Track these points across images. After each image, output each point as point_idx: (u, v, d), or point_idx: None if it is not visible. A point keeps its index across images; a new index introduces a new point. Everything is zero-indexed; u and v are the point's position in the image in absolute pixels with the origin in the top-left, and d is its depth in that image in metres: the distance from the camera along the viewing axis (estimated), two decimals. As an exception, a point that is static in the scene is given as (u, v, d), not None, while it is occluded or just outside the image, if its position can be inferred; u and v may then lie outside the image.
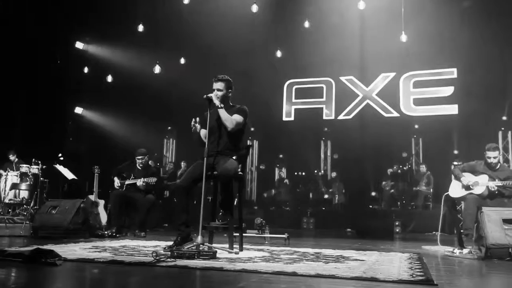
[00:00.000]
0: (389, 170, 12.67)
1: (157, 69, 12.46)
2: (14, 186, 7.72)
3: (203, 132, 4.32)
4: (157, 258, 3.08)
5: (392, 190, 12.41)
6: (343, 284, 2.46)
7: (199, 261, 3.19)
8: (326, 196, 12.70)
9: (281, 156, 14.60)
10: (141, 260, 3.04)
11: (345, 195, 12.75)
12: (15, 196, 8.35)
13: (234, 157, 4.18)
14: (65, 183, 8.36)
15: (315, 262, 3.40)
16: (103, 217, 7.10)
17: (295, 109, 14.82)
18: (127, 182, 6.66)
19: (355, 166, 13.13)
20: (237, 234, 4.29)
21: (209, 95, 4.19)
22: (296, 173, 13.70)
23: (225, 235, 4.36)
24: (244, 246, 4.65)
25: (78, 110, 14.81)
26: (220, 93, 4.27)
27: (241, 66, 13.61)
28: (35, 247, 3.18)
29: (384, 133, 13.12)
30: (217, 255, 3.53)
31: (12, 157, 11.11)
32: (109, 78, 13.74)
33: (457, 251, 4.95)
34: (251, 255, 3.76)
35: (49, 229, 5.47)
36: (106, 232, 6.06)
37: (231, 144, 4.23)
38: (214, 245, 4.21)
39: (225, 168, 3.94)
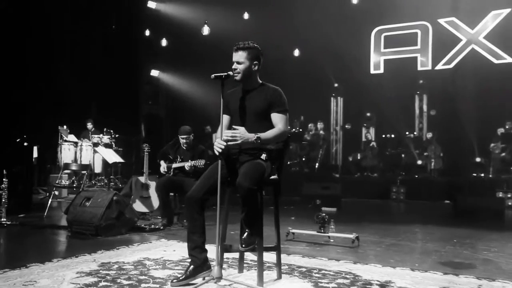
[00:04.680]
0: (500, 130, 10.58)
1: (205, 30, 11.38)
2: (66, 167, 7.33)
3: (226, 122, 3.23)
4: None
5: (503, 154, 10.38)
6: None
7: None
8: (419, 161, 11.03)
9: (368, 114, 12.99)
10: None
11: (443, 159, 10.97)
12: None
13: (263, 156, 3.05)
14: (111, 166, 7.87)
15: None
16: (155, 201, 6.47)
17: (385, 60, 13.12)
18: (174, 165, 5.85)
19: (456, 125, 11.22)
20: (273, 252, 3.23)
21: (228, 73, 3.02)
22: (384, 136, 12.08)
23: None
24: (293, 261, 3.61)
25: (154, 73, 14.42)
26: (241, 67, 3.09)
27: (318, 14, 12.11)
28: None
29: (494, 84, 11.03)
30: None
31: (89, 126, 11.04)
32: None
33: None
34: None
35: (81, 224, 4.88)
36: (147, 225, 5.37)
37: (260, 137, 3.08)
38: (239, 278, 3.21)
39: (244, 177, 2.85)
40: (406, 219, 7.28)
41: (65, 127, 10.22)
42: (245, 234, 3.00)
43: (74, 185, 7.26)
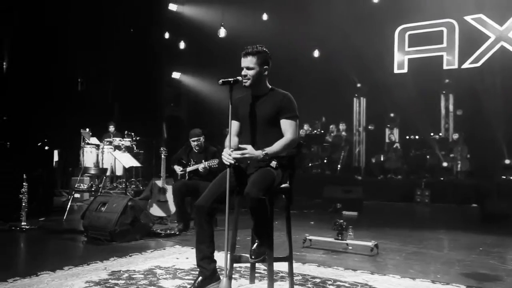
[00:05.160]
0: (530, 130, 10.18)
1: (222, 32, 11.30)
2: (85, 171, 7.36)
3: (235, 128, 3.14)
4: None
5: (534, 156, 9.98)
6: None
7: None
8: (445, 163, 10.68)
9: (392, 115, 12.68)
10: None
11: (470, 161, 10.61)
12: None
13: (273, 164, 2.93)
14: (129, 169, 7.82)
15: None
16: (172, 205, 6.41)
17: (409, 59, 12.79)
18: (188, 169, 5.80)
19: (484, 125, 10.84)
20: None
21: (235, 78, 2.94)
22: (408, 137, 11.77)
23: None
24: (308, 270, 3.50)
25: (176, 75, 14.46)
26: (251, 73, 2.99)
27: (340, 14, 11.89)
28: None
29: (525, 83, 10.57)
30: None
31: (111, 128, 11.12)
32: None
33: None
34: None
35: (96, 229, 4.87)
36: (163, 231, 5.33)
37: (271, 143, 2.96)
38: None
39: (252, 186, 2.75)
40: (430, 224, 7.04)
41: (87, 130, 10.33)
42: (255, 245, 2.89)
43: (93, 188, 7.29)
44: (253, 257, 2.87)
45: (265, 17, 12.10)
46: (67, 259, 4.11)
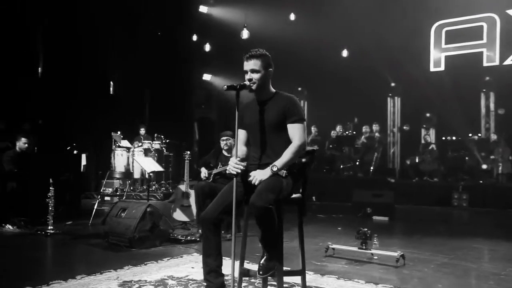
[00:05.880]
0: None
1: (245, 34, 11.11)
2: (111, 174, 7.40)
3: (242, 137, 3.01)
4: None
5: None
6: None
7: None
8: (484, 165, 10.14)
9: (428, 114, 12.19)
10: None
11: (512, 163, 10.04)
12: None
13: (283, 173, 2.77)
14: (150, 173, 7.73)
15: None
16: (195, 210, 6.34)
17: (446, 57, 12.23)
18: (215, 171, 5.72)
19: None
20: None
21: (242, 83, 2.82)
22: (444, 138, 11.27)
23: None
24: (325, 284, 3.31)
25: (206, 77, 14.45)
26: (257, 76, 2.86)
27: (372, 10, 11.52)
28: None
29: None
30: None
31: (142, 131, 11.21)
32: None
33: None
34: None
35: (116, 235, 4.84)
36: (183, 237, 5.25)
37: (281, 151, 2.81)
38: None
39: (258, 195, 2.60)
40: (466, 231, 6.62)
41: (118, 132, 10.45)
42: (263, 259, 2.74)
43: (117, 192, 7.32)
44: (261, 272, 2.71)
45: (292, 17, 11.89)
46: (84, 266, 4.09)
